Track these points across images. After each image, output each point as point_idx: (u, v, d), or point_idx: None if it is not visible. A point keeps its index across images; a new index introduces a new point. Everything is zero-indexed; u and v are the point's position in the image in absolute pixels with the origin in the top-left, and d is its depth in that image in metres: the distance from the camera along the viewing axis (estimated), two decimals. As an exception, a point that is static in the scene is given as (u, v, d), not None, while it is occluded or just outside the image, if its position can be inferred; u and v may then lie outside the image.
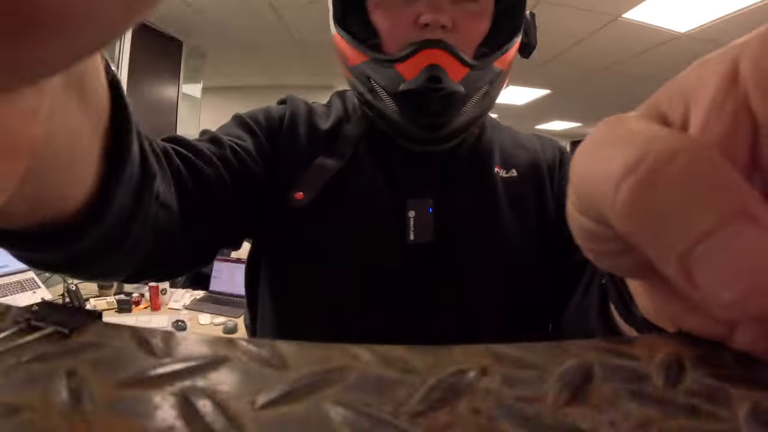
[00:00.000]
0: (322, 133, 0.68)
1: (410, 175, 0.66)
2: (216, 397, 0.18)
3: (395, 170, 0.66)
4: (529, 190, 0.68)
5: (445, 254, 0.63)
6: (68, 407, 0.16)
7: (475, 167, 0.68)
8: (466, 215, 0.66)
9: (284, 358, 0.21)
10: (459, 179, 0.67)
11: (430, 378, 0.20)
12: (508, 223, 0.66)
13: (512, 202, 0.67)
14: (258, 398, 0.18)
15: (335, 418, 0.17)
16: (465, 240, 0.64)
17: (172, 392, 0.18)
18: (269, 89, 6.46)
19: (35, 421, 0.15)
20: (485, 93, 0.63)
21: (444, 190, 0.65)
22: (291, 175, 0.64)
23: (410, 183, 0.66)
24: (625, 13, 3.02)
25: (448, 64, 0.57)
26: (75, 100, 0.24)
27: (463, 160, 0.69)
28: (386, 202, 0.65)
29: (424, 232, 0.61)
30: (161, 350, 0.21)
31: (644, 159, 0.15)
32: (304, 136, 0.67)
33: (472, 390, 0.20)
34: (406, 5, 0.60)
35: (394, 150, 0.67)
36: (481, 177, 0.68)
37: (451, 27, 0.59)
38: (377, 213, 0.64)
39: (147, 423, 0.16)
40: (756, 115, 0.16)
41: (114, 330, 0.23)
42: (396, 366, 0.21)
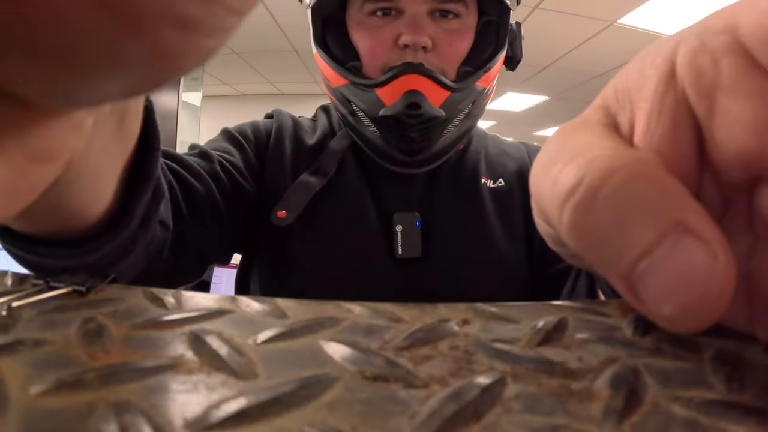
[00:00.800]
0: (308, 148, 0.67)
1: (396, 190, 0.65)
2: (222, 335, 0.20)
3: (380, 185, 0.66)
4: (517, 198, 0.67)
5: (433, 268, 0.63)
6: (87, 342, 0.18)
7: (462, 180, 0.68)
8: (453, 228, 0.65)
9: (283, 310, 0.23)
10: (445, 192, 0.66)
11: (415, 325, 0.22)
12: (496, 232, 0.65)
13: (500, 212, 0.66)
14: (259, 336, 0.20)
15: (327, 350, 0.19)
16: (453, 253, 0.63)
17: (182, 332, 0.20)
18: (269, 97, 6.52)
19: (57, 352, 0.17)
20: (467, 113, 0.61)
21: (430, 203, 0.64)
22: (277, 191, 0.62)
23: (396, 197, 0.64)
24: (620, 19, 3.06)
25: (427, 89, 0.55)
26: (115, 121, 0.26)
27: (448, 173, 0.68)
28: (372, 217, 0.64)
29: (411, 247, 0.61)
30: (172, 304, 0.24)
31: (582, 181, 0.16)
32: (290, 151, 0.66)
33: (453, 334, 0.22)
34: (385, 24, 0.58)
35: (378, 165, 0.66)
36: (468, 189, 0.67)
37: (432, 47, 0.57)
38: (363, 229, 0.63)
39: (160, 353, 0.18)
40: (696, 115, 0.16)
41: (128, 289, 0.25)
42: (385, 316, 0.23)
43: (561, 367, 0.19)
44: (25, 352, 0.17)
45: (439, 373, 0.18)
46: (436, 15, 0.57)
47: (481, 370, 0.18)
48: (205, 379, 0.16)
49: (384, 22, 0.58)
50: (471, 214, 0.65)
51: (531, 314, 0.25)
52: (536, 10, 3.06)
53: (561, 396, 0.15)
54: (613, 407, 0.15)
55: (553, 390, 0.16)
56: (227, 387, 0.15)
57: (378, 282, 0.62)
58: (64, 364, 0.16)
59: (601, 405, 0.15)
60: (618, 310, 0.30)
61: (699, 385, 0.17)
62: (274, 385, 0.15)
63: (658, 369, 0.18)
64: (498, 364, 0.19)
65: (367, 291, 0.59)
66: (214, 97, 6.09)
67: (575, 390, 0.16)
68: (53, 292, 0.24)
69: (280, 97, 6.28)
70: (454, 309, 0.25)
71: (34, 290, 0.23)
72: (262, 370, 0.17)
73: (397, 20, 0.57)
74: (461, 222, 0.65)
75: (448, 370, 0.18)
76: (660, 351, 0.22)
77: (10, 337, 0.17)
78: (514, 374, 0.18)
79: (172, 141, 4.12)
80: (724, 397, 0.16)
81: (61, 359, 0.16)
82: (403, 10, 0.56)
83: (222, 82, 5.58)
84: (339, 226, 0.63)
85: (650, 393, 0.16)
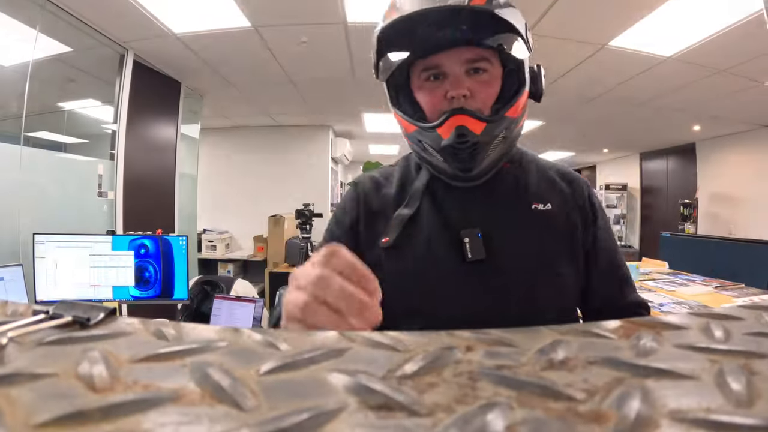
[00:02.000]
0: (391, 197, 0.90)
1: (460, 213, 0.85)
2: (223, 367, 0.19)
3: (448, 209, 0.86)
4: (562, 220, 0.86)
5: (494, 267, 0.80)
6: (88, 373, 0.18)
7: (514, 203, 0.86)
8: (508, 237, 0.83)
9: (285, 341, 0.23)
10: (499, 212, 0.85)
11: (419, 353, 0.22)
12: (543, 244, 0.83)
13: (547, 229, 0.84)
14: (261, 367, 0.20)
15: (330, 380, 0.19)
16: (509, 255, 0.81)
17: (183, 364, 0.20)
18: (266, 129, 6.58)
19: (58, 383, 0.17)
20: (504, 137, 0.81)
21: (487, 221, 0.83)
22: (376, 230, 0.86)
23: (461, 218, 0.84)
24: (610, 42, 3.12)
25: (469, 123, 0.76)
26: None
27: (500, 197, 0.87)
28: (445, 233, 0.83)
29: (477, 251, 0.80)
30: (173, 336, 0.23)
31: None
32: (378, 206, 0.90)
33: (457, 361, 0.21)
34: (437, 86, 0.80)
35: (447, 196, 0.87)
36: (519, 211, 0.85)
37: (470, 95, 0.78)
38: (440, 242, 0.83)
39: (162, 384, 0.18)
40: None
41: (128, 321, 0.25)
42: (387, 345, 0.23)
43: (567, 390, 0.18)
44: (25, 383, 0.16)
45: (443, 400, 0.17)
46: (471, 72, 0.79)
47: (486, 396, 0.18)
48: (208, 410, 0.15)
49: (436, 85, 0.80)
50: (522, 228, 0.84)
51: (534, 339, 0.25)
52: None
53: (568, 419, 0.15)
54: (621, 428, 0.15)
55: (560, 413, 0.16)
56: (230, 418, 0.15)
57: (454, 279, 0.81)
58: (65, 395, 0.15)
59: (610, 427, 0.15)
60: (619, 330, 0.29)
61: (706, 403, 0.16)
62: (278, 416, 0.15)
63: (665, 388, 0.18)
64: (503, 389, 0.19)
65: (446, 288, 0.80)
66: (212, 129, 6.15)
67: (582, 412, 0.16)
68: (54, 322, 0.23)
69: (277, 129, 6.33)
70: (458, 336, 0.25)
71: (35, 320, 0.23)
72: (264, 401, 0.17)
73: (444, 82, 0.79)
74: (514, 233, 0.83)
75: (452, 398, 0.18)
76: (665, 370, 0.21)
77: (10, 368, 0.17)
78: (520, 399, 0.17)
79: (171, 172, 4.14)
80: (732, 415, 0.15)
81: (62, 391, 0.16)
82: (447, 74, 0.80)
83: (220, 114, 5.64)
84: (423, 241, 0.83)
85: (658, 413, 0.15)
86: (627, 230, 8.80)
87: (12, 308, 0.25)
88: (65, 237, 1.96)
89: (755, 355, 0.21)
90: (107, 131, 3.37)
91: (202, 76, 4.04)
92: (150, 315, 0.84)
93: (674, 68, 3.60)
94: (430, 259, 0.81)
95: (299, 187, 6.22)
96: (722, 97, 4.33)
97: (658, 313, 2.66)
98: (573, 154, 9.04)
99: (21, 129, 2.44)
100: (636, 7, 2.67)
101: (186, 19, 2.90)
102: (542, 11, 2.74)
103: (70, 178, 2.86)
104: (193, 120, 4.70)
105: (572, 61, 3.53)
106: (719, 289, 3.08)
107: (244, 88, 4.55)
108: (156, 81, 3.78)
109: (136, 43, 3.25)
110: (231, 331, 0.24)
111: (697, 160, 6.92)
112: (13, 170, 2.37)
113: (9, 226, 2.34)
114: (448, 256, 0.81)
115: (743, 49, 3.15)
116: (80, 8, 2.68)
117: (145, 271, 2.06)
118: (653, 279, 3.47)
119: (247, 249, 6.10)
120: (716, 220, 6.58)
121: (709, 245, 3.84)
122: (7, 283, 1.94)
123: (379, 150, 8.41)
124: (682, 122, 5.64)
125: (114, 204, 3.19)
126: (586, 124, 5.88)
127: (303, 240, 4.68)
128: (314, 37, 3.13)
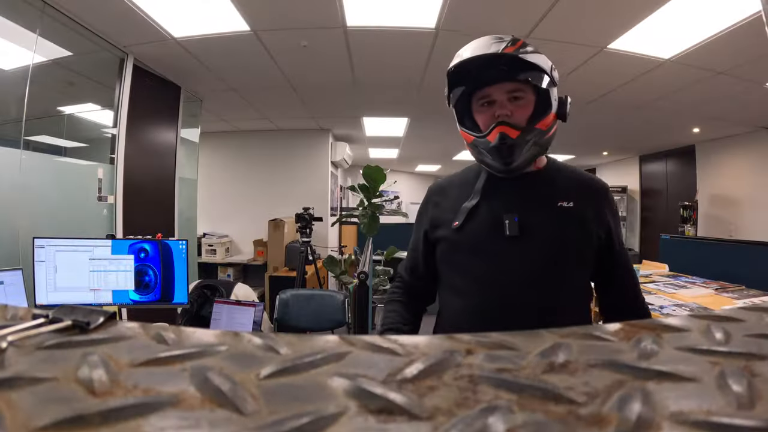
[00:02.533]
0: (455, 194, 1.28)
1: (503, 203, 1.19)
2: (223, 371, 0.19)
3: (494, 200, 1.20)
4: (581, 215, 1.16)
5: (526, 243, 1.13)
6: (86, 377, 0.18)
7: (544, 199, 1.18)
8: (537, 223, 1.15)
9: (285, 345, 0.23)
10: (532, 205, 1.18)
11: (419, 356, 0.22)
12: (563, 231, 1.14)
13: (568, 220, 1.15)
14: (262, 371, 0.20)
15: (331, 384, 0.19)
16: (537, 235, 1.14)
17: (183, 368, 0.20)
18: (265, 133, 6.58)
19: (58, 387, 0.17)
20: (533, 143, 1.13)
21: (522, 210, 1.16)
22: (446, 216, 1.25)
23: (503, 206, 1.18)
24: (610, 44, 3.12)
25: (508, 131, 1.10)
26: None
27: (534, 194, 1.20)
28: (493, 217, 1.18)
29: (514, 230, 1.14)
30: (172, 340, 0.23)
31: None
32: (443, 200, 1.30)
33: (458, 364, 0.21)
34: (488, 109, 1.14)
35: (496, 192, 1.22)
36: (547, 205, 1.17)
37: (511, 114, 1.12)
38: (490, 223, 1.17)
39: (161, 389, 0.18)
40: None
41: (128, 325, 0.25)
42: (387, 349, 0.23)
43: (568, 393, 0.18)
44: (25, 387, 0.16)
45: (444, 404, 0.17)
46: (512, 99, 1.13)
47: (487, 399, 0.18)
48: (208, 414, 0.15)
49: (487, 108, 1.15)
50: (548, 218, 1.16)
51: (534, 342, 0.25)
52: (527, 39, 3.13)
53: (569, 422, 0.15)
54: (623, 431, 0.14)
55: (561, 417, 0.16)
56: (230, 423, 0.15)
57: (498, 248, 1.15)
58: (64, 399, 0.15)
59: (611, 429, 0.15)
60: (620, 333, 0.29)
61: (707, 405, 0.16)
62: (278, 420, 0.15)
63: (666, 390, 0.18)
64: (503, 392, 0.19)
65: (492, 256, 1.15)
66: (212, 133, 6.15)
67: (583, 415, 0.16)
68: (54, 326, 0.23)
69: (277, 133, 6.33)
70: (458, 340, 0.25)
71: (35, 324, 0.23)
72: (264, 405, 0.17)
73: (493, 106, 1.13)
74: (542, 221, 1.15)
75: (453, 401, 0.18)
76: (666, 373, 0.21)
77: (9, 372, 0.17)
78: (521, 402, 0.17)
79: (171, 176, 4.14)
80: (733, 417, 0.15)
81: (61, 395, 0.16)
82: (495, 101, 1.13)
83: (219, 118, 5.64)
84: (480, 222, 1.18)
85: (659, 415, 0.15)
86: (627, 233, 8.80)
87: (12, 312, 0.25)
88: (65, 241, 1.96)
89: (756, 357, 0.21)
90: (107, 135, 3.37)
91: (202, 80, 4.04)
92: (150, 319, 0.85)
93: (673, 70, 3.60)
94: (482, 234, 1.18)
95: (299, 191, 6.22)
96: (722, 99, 4.34)
97: (658, 315, 2.66)
98: (573, 157, 9.03)
99: (21, 133, 2.44)
100: (635, 10, 2.68)
101: (186, 24, 2.90)
102: (541, 14, 2.74)
103: (69, 182, 2.86)
104: (193, 124, 4.70)
105: (571, 63, 3.54)
106: (720, 291, 3.08)
107: (244, 92, 4.56)
108: (156, 85, 3.78)
109: (136, 47, 3.25)
110: (231, 335, 0.24)
111: (697, 162, 6.93)
112: (13, 174, 2.37)
113: (9, 229, 2.34)
114: (495, 233, 1.16)
115: (742, 51, 3.16)
116: (80, 12, 2.68)
117: (144, 275, 2.06)
118: (653, 281, 3.46)
119: (247, 253, 6.09)
120: (716, 222, 6.58)
121: (709, 247, 3.84)
122: (6, 287, 1.94)
123: (379, 154, 8.41)
124: (682, 124, 5.64)
125: (114, 208, 3.19)
126: (585, 126, 5.88)
127: (303, 244, 4.67)
128: (314, 41, 3.13)
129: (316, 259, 4.88)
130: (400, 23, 2.86)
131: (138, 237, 2.08)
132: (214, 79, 4.02)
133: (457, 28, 2.92)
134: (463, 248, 1.19)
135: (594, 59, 3.43)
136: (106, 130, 3.41)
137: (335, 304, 2.91)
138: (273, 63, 3.62)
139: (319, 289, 4.71)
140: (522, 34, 3.09)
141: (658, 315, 2.66)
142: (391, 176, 4.39)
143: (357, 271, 3.82)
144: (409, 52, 3.33)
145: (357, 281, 3.63)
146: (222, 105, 4.97)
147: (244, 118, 5.80)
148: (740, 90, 3.98)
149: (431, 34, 3.00)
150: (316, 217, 4.87)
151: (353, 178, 9.55)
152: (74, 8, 2.63)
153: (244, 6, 2.62)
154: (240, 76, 4.01)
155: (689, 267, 3.84)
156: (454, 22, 2.82)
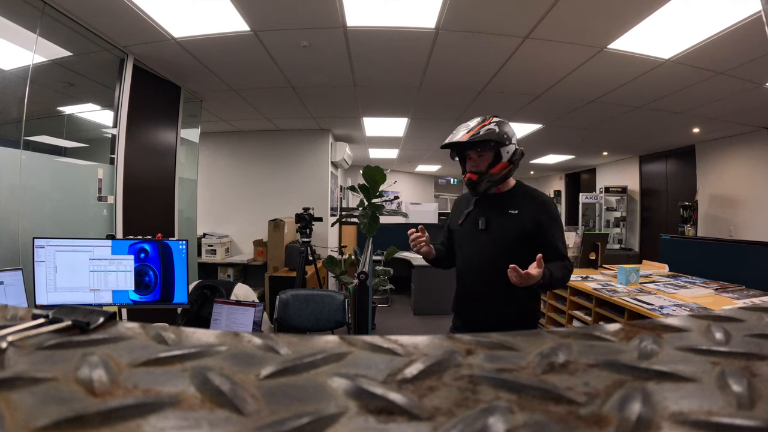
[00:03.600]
0: (463, 205, 2.06)
1: (481, 210, 1.95)
2: (223, 371, 0.19)
3: (477, 209, 1.97)
4: (523, 220, 1.87)
5: (490, 234, 1.90)
6: (86, 377, 0.18)
7: (503, 209, 1.92)
8: (497, 222, 1.89)
9: (285, 345, 0.23)
10: (494, 212, 1.92)
11: (419, 356, 0.22)
12: (512, 228, 1.86)
13: (515, 222, 1.87)
14: (261, 371, 0.20)
15: (331, 384, 0.19)
16: (496, 229, 1.89)
17: (183, 369, 0.20)
18: (265, 133, 6.57)
19: (58, 387, 0.17)
20: (487, 180, 1.89)
21: (489, 214, 1.93)
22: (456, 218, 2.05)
23: (479, 212, 1.95)
24: (609, 44, 3.12)
25: (472, 176, 1.90)
26: None
27: (496, 206, 1.93)
28: (475, 218, 1.95)
29: (483, 225, 1.91)
30: (172, 341, 0.23)
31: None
32: (457, 208, 2.12)
33: (457, 365, 0.21)
34: (467, 161, 1.92)
35: (477, 204, 1.98)
36: (504, 212, 1.90)
37: (477, 164, 1.89)
38: (474, 221, 1.95)
39: (162, 389, 0.18)
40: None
41: (128, 325, 0.25)
42: (387, 349, 0.23)
43: (568, 393, 0.18)
44: (25, 387, 0.16)
45: (444, 404, 0.17)
46: (479, 155, 1.88)
47: (487, 399, 0.18)
48: (208, 415, 0.15)
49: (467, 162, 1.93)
50: (504, 219, 1.89)
51: (534, 342, 0.25)
52: (527, 40, 3.13)
53: (569, 422, 0.15)
54: (623, 431, 0.14)
55: (561, 417, 0.16)
56: (230, 423, 0.15)
57: (475, 238, 1.93)
58: (64, 399, 0.15)
59: (611, 429, 0.15)
60: (621, 334, 0.29)
61: (707, 405, 0.16)
62: (278, 420, 0.15)
63: (666, 391, 0.18)
64: (503, 393, 0.19)
65: (473, 243, 1.94)
66: (212, 133, 6.14)
67: (584, 415, 0.16)
68: (54, 326, 0.23)
69: (277, 133, 6.32)
70: (458, 340, 0.25)
71: (35, 324, 0.23)
72: (264, 405, 0.17)
73: (470, 161, 1.91)
74: (500, 221, 1.88)
75: (453, 401, 0.18)
76: (666, 373, 0.21)
77: (9, 372, 0.17)
78: (521, 403, 0.17)
79: (171, 176, 4.14)
80: (733, 416, 0.15)
81: (61, 395, 0.16)
82: (471, 157, 1.91)
83: (219, 118, 5.64)
84: (469, 222, 1.97)
85: (659, 415, 0.15)
86: (627, 233, 8.79)
87: (12, 312, 0.25)
88: (65, 241, 1.96)
89: (756, 357, 0.21)
90: (107, 135, 3.37)
91: (202, 80, 4.04)
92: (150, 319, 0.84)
93: (673, 70, 3.60)
94: (470, 228, 1.94)
95: (299, 191, 6.22)
96: (721, 99, 4.33)
97: (658, 315, 2.66)
98: (572, 157, 9.03)
99: (21, 133, 2.44)
100: (634, 10, 2.68)
101: (186, 24, 2.90)
102: (541, 15, 2.74)
103: (69, 182, 2.86)
104: (193, 124, 4.70)
105: (571, 64, 3.54)
106: (720, 291, 3.08)
107: (244, 92, 4.56)
108: (156, 85, 3.78)
109: (136, 48, 3.25)
110: (231, 335, 0.24)
111: (697, 162, 6.93)
112: (13, 174, 2.37)
113: (9, 229, 2.34)
114: (475, 227, 1.93)
115: (742, 51, 3.16)
116: (80, 12, 2.68)
117: (144, 275, 2.05)
118: (653, 281, 3.47)
119: (247, 253, 6.09)
120: (716, 222, 6.58)
121: (709, 247, 3.84)
122: (6, 287, 1.94)
123: (379, 154, 8.41)
124: (682, 124, 5.64)
125: (114, 208, 3.19)
126: (585, 127, 5.88)
127: (303, 244, 4.67)
128: (314, 41, 3.13)
129: (316, 259, 4.88)
130: (400, 23, 2.86)
131: (138, 237, 2.08)
132: (214, 79, 4.02)
133: (457, 28, 2.92)
134: (461, 236, 1.99)
135: (594, 59, 3.44)
136: (106, 130, 3.41)
137: (335, 305, 2.91)
138: (273, 63, 3.62)
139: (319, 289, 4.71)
140: (522, 34, 3.10)
141: (658, 315, 2.66)
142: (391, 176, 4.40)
143: (357, 271, 3.82)
144: (409, 52, 3.33)
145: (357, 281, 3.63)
146: (222, 105, 4.97)
147: (244, 118, 5.80)
148: (740, 90, 3.97)
149: (431, 34, 3.00)
150: (316, 217, 4.86)
151: (353, 179, 9.55)
152: (74, 8, 2.63)
153: (244, 6, 2.62)
154: (240, 76, 4.01)
155: (689, 267, 3.84)
156: (454, 22, 2.82)
